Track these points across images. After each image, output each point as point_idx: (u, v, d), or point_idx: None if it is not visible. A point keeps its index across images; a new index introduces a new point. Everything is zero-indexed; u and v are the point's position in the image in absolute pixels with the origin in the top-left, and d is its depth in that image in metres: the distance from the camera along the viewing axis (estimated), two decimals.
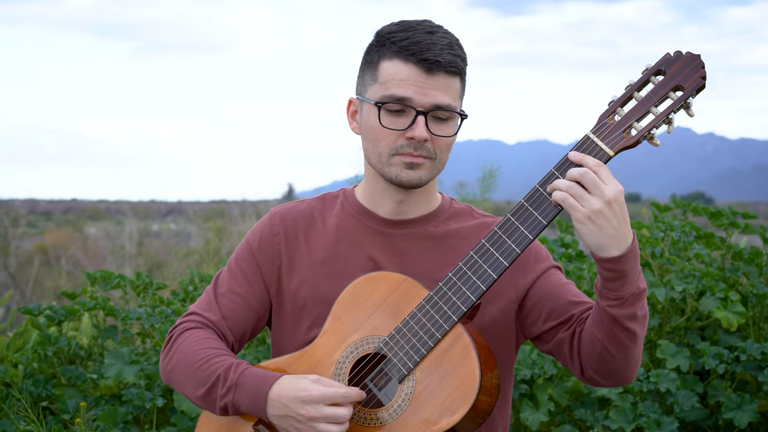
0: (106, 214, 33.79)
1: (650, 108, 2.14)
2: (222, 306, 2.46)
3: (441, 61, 2.29)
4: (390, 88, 2.31)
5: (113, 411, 4.05)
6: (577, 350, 2.33)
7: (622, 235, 2.10)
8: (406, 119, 2.31)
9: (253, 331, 2.50)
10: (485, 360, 2.21)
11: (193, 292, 4.60)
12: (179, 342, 2.42)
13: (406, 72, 2.30)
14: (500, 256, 2.19)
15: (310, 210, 2.51)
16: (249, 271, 2.48)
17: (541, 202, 2.17)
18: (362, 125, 2.39)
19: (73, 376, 4.26)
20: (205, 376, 2.33)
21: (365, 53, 2.41)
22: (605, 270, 2.14)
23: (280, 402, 2.23)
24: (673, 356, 4.23)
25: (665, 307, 4.44)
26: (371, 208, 2.47)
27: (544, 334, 2.41)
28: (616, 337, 2.21)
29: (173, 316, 4.40)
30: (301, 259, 2.46)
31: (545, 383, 4.25)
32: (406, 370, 2.23)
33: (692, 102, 2.14)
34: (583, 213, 2.08)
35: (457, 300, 2.21)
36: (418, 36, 2.30)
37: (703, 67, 2.13)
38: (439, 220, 2.47)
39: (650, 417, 3.99)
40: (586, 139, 2.16)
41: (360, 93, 2.40)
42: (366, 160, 2.44)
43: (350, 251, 2.44)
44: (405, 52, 2.29)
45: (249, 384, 2.28)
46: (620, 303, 2.17)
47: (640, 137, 2.14)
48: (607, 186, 2.08)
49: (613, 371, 2.29)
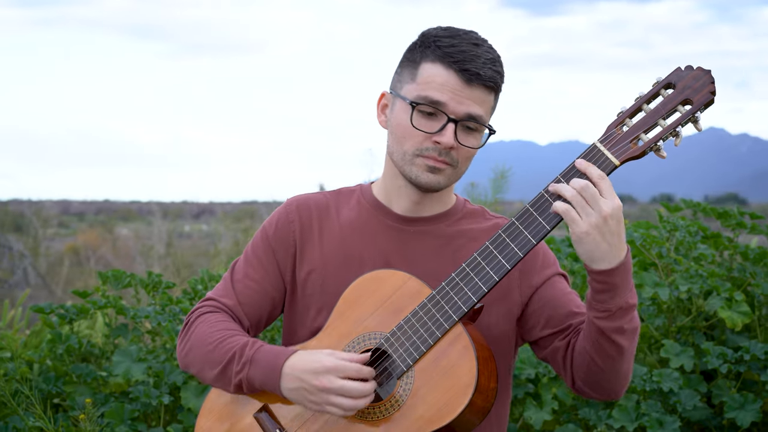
0: (137, 215, 33.94)
1: (658, 120, 2.18)
2: (238, 292, 2.51)
3: (482, 74, 2.33)
4: (427, 90, 2.35)
5: (120, 408, 4.10)
6: (570, 360, 2.36)
7: (616, 249, 2.14)
8: (436, 123, 2.35)
9: (268, 318, 2.55)
10: (484, 361, 2.24)
11: (202, 291, 4.65)
12: (196, 325, 2.47)
13: (446, 78, 2.34)
14: (503, 259, 2.23)
15: (325, 201, 2.56)
16: (265, 258, 2.53)
17: (545, 207, 2.21)
18: (391, 120, 2.43)
19: (83, 374, 4.32)
20: (221, 354, 2.37)
21: (407, 50, 2.44)
22: (596, 282, 2.18)
23: (293, 374, 2.27)
24: (677, 356, 4.23)
25: (670, 306, 4.44)
26: (387, 204, 2.51)
27: (541, 341, 2.44)
28: (603, 349, 2.24)
29: (181, 314, 4.45)
30: (312, 248, 2.50)
31: (550, 382, 4.26)
32: (405, 367, 2.27)
33: (700, 116, 2.17)
34: (581, 227, 2.12)
35: (459, 300, 2.25)
36: (464, 46, 2.34)
37: (713, 83, 2.16)
38: (452, 220, 2.51)
39: (652, 416, 3.99)
40: (593, 148, 2.20)
41: (394, 88, 2.44)
42: (388, 156, 2.48)
43: (362, 244, 2.48)
44: (448, 58, 2.33)
45: (264, 359, 2.32)
46: (608, 315, 2.20)
47: (646, 148, 2.18)
48: (606, 201, 2.13)
49: (600, 383, 2.32)
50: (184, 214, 29.79)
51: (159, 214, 26.51)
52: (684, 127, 2.17)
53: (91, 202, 41.38)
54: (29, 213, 23.63)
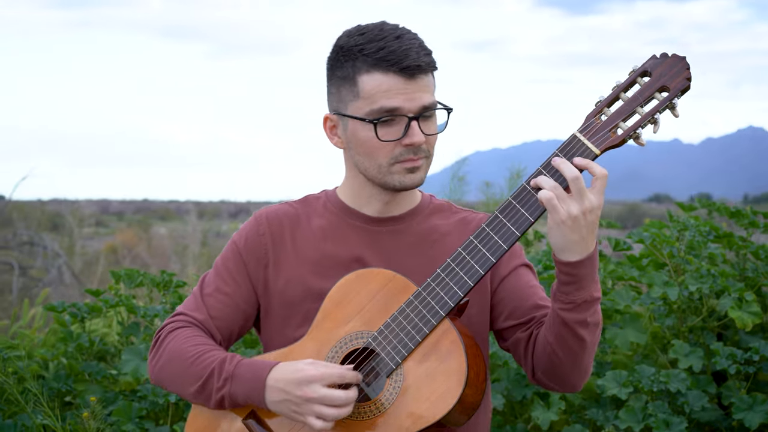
0: (175, 214, 34.16)
1: (636, 108, 2.19)
2: (209, 306, 2.49)
3: (421, 65, 2.34)
4: (377, 102, 2.33)
5: (128, 406, 4.12)
6: (531, 352, 2.38)
7: (586, 242, 2.17)
8: (398, 127, 2.35)
9: (240, 331, 2.54)
10: (472, 355, 2.24)
11: None
12: (168, 341, 2.45)
13: (389, 82, 2.33)
14: (487, 252, 2.24)
15: (294, 211, 2.55)
16: (235, 271, 2.51)
17: (528, 199, 2.22)
18: (350, 140, 2.42)
19: (93, 372, 4.35)
20: (199, 370, 2.36)
21: (331, 68, 2.42)
22: (562, 273, 2.21)
23: (277, 386, 2.27)
24: (687, 356, 4.20)
25: (681, 306, 4.41)
26: (356, 207, 2.50)
27: (504, 331, 2.46)
28: (566, 341, 2.26)
29: None
30: (288, 258, 2.49)
31: None
32: (394, 365, 2.27)
33: (677, 103, 2.18)
34: (560, 216, 2.15)
35: (445, 295, 2.26)
36: (391, 44, 2.33)
37: (689, 69, 2.18)
38: (422, 217, 2.51)
39: (659, 417, 3.97)
40: (573, 138, 2.21)
41: (338, 109, 2.42)
42: (357, 170, 2.46)
43: (337, 249, 2.47)
44: (384, 63, 2.32)
45: (246, 374, 2.32)
46: (572, 307, 2.23)
47: (625, 136, 2.20)
48: (590, 195, 2.15)
49: (560, 376, 2.34)
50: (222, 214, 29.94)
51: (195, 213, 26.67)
52: (662, 114, 2.19)
53: (130, 201, 41.70)
54: (66, 212, 23.83)
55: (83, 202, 28.04)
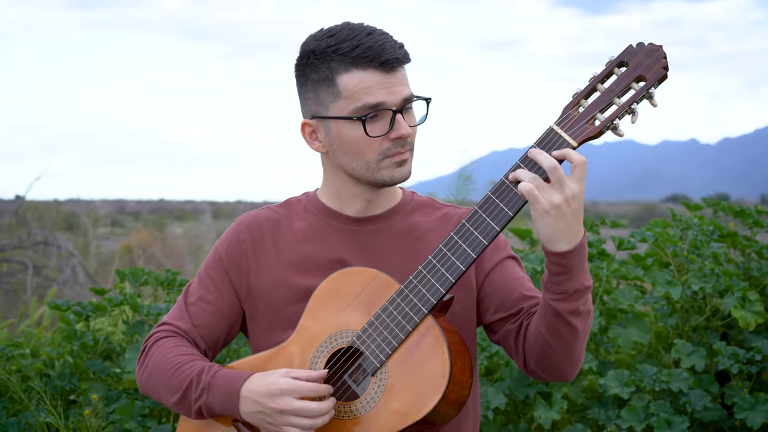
0: (191, 214, 34.26)
1: (613, 99, 2.18)
2: (192, 314, 2.51)
3: (399, 57, 2.36)
4: (360, 99, 2.34)
5: (130, 405, 4.14)
6: (522, 343, 2.37)
7: (574, 232, 2.16)
8: (383, 122, 2.36)
9: (225, 339, 2.55)
10: (457, 351, 2.24)
11: None
12: (152, 351, 2.47)
13: (370, 78, 2.34)
14: (468, 248, 2.24)
15: (275, 215, 2.56)
16: (218, 279, 2.52)
17: (507, 194, 2.21)
18: (333, 143, 2.42)
19: (97, 371, 4.37)
20: (179, 381, 2.38)
21: (304, 74, 2.42)
22: (552, 263, 2.19)
23: (251, 398, 2.28)
24: (689, 356, 4.19)
25: (684, 306, 4.40)
26: (337, 209, 2.51)
27: (493, 324, 2.46)
28: (558, 331, 2.25)
29: None
30: (269, 262, 2.50)
31: (560, 382, 4.24)
32: (379, 363, 2.27)
33: (655, 92, 2.17)
34: (543, 206, 2.13)
35: (427, 292, 2.25)
36: (365, 41, 2.34)
37: (665, 57, 2.16)
38: (403, 214, 2.51)
39: (660, 416, 3.96)
40: (550, 131, 2.20)
41: (318, 113, 2.41)
42: (340, 171, 2.46)
43: (319, 251, 2.48)
44: (362, 60, 2.33)
45: (221, 384, 2.33)
46: (564, 297, 2.22)
47: (603, 128, 2.18)
48: (571, 183, 2.14)
49: (553, 366, 2.33)
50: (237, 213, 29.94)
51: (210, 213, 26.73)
52: (639, 103, 2.18)
53: (146, 201, 41.82)
54: (81, 212, 23.90)
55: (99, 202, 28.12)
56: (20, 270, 17.81)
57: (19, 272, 17.75)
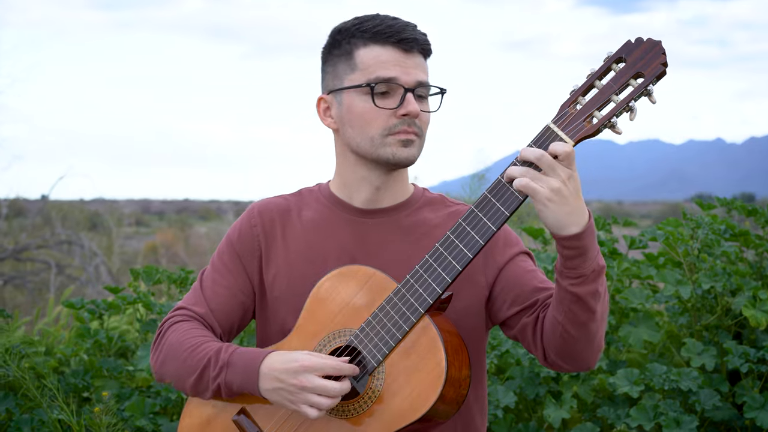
0: (216, 214, 34.38)
1: (611, 96, 2.13)
2: (208, 299, 2.52)
3: (418, 38, 2.40)
4: (375, 72, 2.38)
5: (141, 402, 4.16)
6: (540, 335, 2.35)
7: (580, 212, 2.13)
8: (393, 99, 2.38)
9: (240, 323, 2.57)
10: (454, 351, 2.24)
11: None
12: (168, 335, 2.48)
13: (387, 54, 2.38)
14: (464, 248, 2.22)
15: (286, 204, 2.58)
16: (231, 264, 2.54)
17: (503, 193, 2.19)
18: (343, 116, 2.45)
19: (110, 368, 4.40)
20: (197, 360, 2.38)
21: (328, 52, 2.48)
22: (566, 248, 2.16)
23: (272, 374, 2.28)
24: (699, 355, 4.18)
25: (695, 305, 4.39)
26: (345, 199, 2.52)
27: (509, 320, 2.44)
28: (576, 316, 2.22)
29: None
30: (277, 251, 2.52)
31: (571, 380, 4.24)
32: (376, 363, 2.27)
33: (653, 89, 2.13)
34: (543, 194, 2.11)
35: (424, 292, 2.25)
36: (388, 21, 2.40)
37: (664, 53, 2.12)
38: (411, 210, 2.52)
39: (669, 415, 3.95)
40: (547, 129, 2.17)
41: (333, 87, 2.46)
42: (347, 150, 2.48)
43: (323, 242, 2.49)
44: (382, 35, 2.38)
45: (240, 361, 2.33)
46: (582, 280, 2.18)
47: (600, 126, 2.14)
48: (562, 165, 2.11)
49: (574, 353, 2.30)
50: None
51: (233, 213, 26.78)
52: (638, 101, 2.13)
53: (171, 201, 42.01)
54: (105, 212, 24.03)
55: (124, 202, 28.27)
56: (44, 269, 17.93)
57: (43, 271, 17.88)
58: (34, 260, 18.57)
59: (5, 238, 19.63)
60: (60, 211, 21.26)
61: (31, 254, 18.70)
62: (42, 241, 18.96)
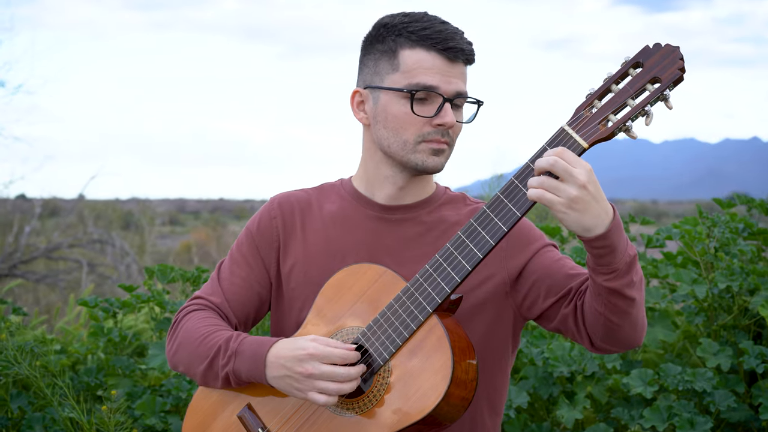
0: (250, 213, 34.49)
1: (627, 100, 2.12)
2: (225, 289, 2.54)
3: (464, 49, 2.38)
4: (416, 77, 2.36)
5: (152, 400, 4.16)
6: (582, 323, 2.32)
7: (603, 212, 2.10)
8: (431, 107, 2.38)
9: (256, 314, 2.57)
10: (461, 352, 2.21)
11: None
12: (182, 323, 2.50)
13: (431, 61, 2.36)
14: (474, 248, 2.21)
15: (307, 197, 2.58)
16: (249, 255, 2.55)
17: (515, 194, 2.17)
18: (377, 115, 2.43)
19: (123, 366, 4.40)
20: (207, 349, 2.40)
21: (370, 44, 2.45)
22: (594, 248, 2.13)
23: (278, 362, 2.28)
24: (715, 355, 4.13)
25: (712, 305, 4.33)
26: (368, 195, 2.52)
27: (546, 312, 2.41)
28: (617, 306, 2.20)
29: None
30: (295, 243, 2.52)
31: (585, 381, 4.20)
32: (382, 361, 2.26)
33: (670, 94, 2.11)
34: (561, 203, 2.07)
35: (432, 291, 2.24)
36: (437, 26, 2.38)
37: (682, 59, 2.11)
38: (433, 207, 2.51)
39: (683, 416, 3.90)
40: (561, 131, 2.16)
41: (372, 83, 2.44)
42: (374, 147, 2.48)
43: (343, 236, 2.49)
44: (429, 40, 2.36)
45: (248, 350, 2.34)
46: (617, 275, 2.16)
47: (615, 129, 2.12)
48: (577, 169, 2.07)
49: (620, 338, 2.28)
50: None
51: None
52: (654, 105, 2.12)
53: (206, 200, 42.25)
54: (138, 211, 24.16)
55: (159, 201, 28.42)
56: (76, 268, 18.06)
57: (75, 270, 18.01)
58: (67, 259, 18.71)
59: (38, 237, 19.79)
60: (93, 211, 21.42)
61: (63, 253, 18.84)
62: (74, 240, 19.11)
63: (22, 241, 18.65)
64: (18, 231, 19.06)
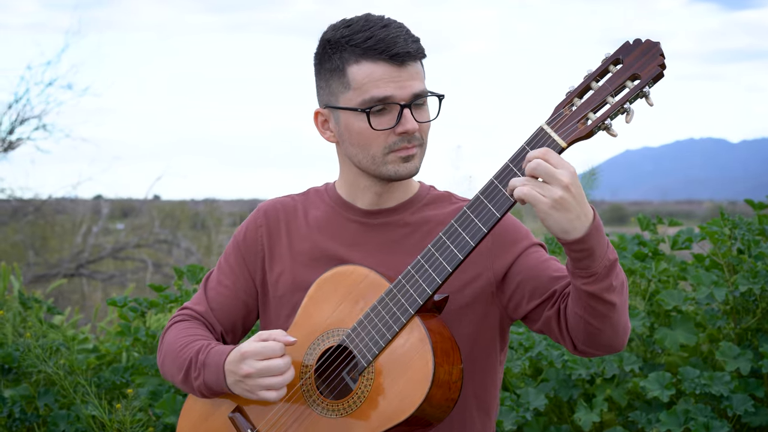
0: None
1: (606, 97, 2.09)
2: (210, 298, 2.56)
3: (410, 51, 2.33)
4: (368, 91, 2.33)
5: (172, 399, 4.21)
6: (565, 326, 2.31)
7: (584, 215, 2.08)
8: (391, 116, 2.35)
9: (244, 323, 2.59)
10: (443, 353, 2.22)
11: None
12: (168, 334, 2.53)
13: (380, 71, 2.32)
14: (455, 249, 2.20)
15: (293, 203, 2.59)
16: (235, 264, 2.57)
17: (496, 194, 2.16)
18: (343, 133, 2.42)
19: (150, 365, 4.46)
20: (182, 361, 2.42)
21: (320, 62, 2.43)
22: (572, 251, 2.12)
23: (228, 369, 2.31)
24: (735, 358, 4.07)
25: (734, 307, 4.27)
26: (350, 200, 2.51)
27: (531, 314, 2.40)
28: (597, 310, 2.18)
29: None
30: (281, 250, 2.53)
31: (604, 384, 4.17)
32: (366, 363, 2.27)
33: (650, 91, 2.07)
34: (546, 204, 2.06)
35: (414, 293, 2.24)
36: (379, 33, 2.33)
37: (662, 55, 2.07)
38: (416, 208, 2.50)
39: (699, 420, 3.85)
40: (540, 131, 2.13)
41: (329, 102, 2.42)
42: (350, 164, 2.47)
43: (328, 242, 2.49)
44: (373, 51, 2.32)
45: (212, 361, 2.36)
46: (595, 279, 2.14)
47: (594, 128, 2.09)
48: (560, 170, 2.05)
49: (601, 342, 2.26)
50: None
51: None
52: (633, 103, 2.08)
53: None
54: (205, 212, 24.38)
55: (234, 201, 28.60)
56: (141, 268, 18.31)
57: (140, 270, 18.26)
58: (133, 259, 18.98)
59: (106, 237, 20.09)
60: (161, 211, 21.67)
61: (130, 253, 19.11)
62: (141, 240, 19.36)
63: (90, 241, 18.96)
64: (86, 231, 19.37)
